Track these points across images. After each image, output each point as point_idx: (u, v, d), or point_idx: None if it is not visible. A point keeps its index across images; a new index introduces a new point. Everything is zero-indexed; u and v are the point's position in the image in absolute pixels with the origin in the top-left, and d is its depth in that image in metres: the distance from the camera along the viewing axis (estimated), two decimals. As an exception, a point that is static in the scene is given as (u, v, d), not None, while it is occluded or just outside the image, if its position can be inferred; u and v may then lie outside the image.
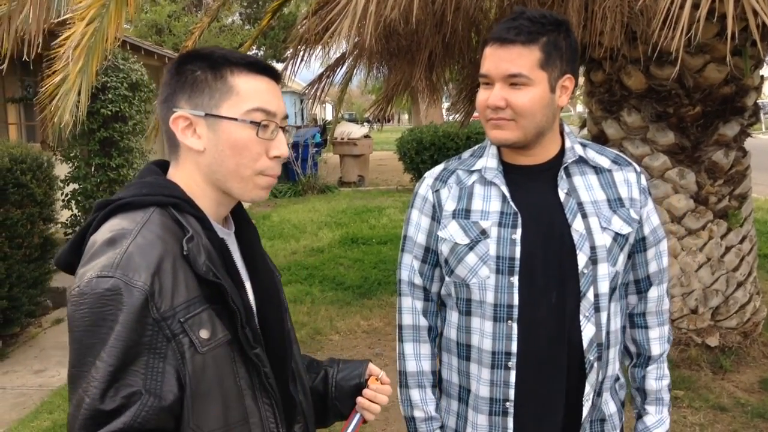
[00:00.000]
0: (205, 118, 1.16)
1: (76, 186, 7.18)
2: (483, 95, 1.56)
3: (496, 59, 1.51)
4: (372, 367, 1.49)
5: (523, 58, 1.49)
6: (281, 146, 1.21)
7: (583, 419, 1.61)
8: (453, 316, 1.68)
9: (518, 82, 1.49)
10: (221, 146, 1.17)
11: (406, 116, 46.69)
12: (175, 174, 1.21)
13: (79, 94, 3.82)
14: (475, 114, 6.83)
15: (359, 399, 1.45)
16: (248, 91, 1.17)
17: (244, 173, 1.18)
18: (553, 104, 1.55)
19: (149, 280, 1.04)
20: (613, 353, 1.65)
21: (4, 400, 4.40)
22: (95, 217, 1.14)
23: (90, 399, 1.00)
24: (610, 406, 1.68)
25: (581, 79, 4.98)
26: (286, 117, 1.24)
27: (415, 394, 1.72)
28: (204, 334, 1.09)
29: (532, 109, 1.51)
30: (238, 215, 1.32)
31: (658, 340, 1.73)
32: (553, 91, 1.53)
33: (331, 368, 1.48)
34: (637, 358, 1.76)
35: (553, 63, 1.51)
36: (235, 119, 1.16)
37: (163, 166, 1.26)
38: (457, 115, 6.52)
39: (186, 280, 1.09)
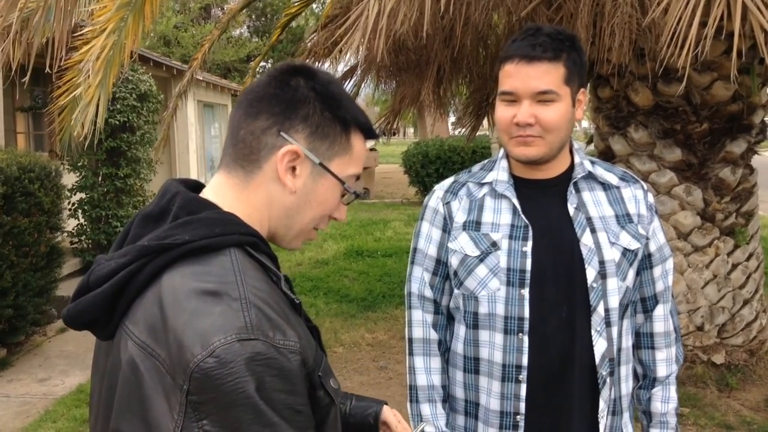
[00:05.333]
0: (316, 165, 1.04)
1: (83, 195, 7.21)
2: (507, 112, 1.54)
3: (523, 76, 1.50)
4: (387, 413, 1.40)
5: (550, 75, 1.49)
6: (344, 211, 1.13)
7: None
8: (461, 330, 1.67)
9: (547, 99, 1.50)
10: (311, 197, 1.05)
11: (411, 130, 46.75)
12: (238, 198, 1.03)
13: (97, 107, 3.84)
14: (481, 130, 6.86)
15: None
16: (359, 155, 1.09)
17: (308, 226, 1.09)
18: (573, 118, 1.56)
19: (295, 337, 0.90)
20: (626, 371, 1.64)
21: (8, 409, 4.40)
22: (143, 263, 0.93)
23: None
24: (629, 429, 1.68)
25: (588, 95, 4.99)
26: None
27: (425, 408, 1.70)
28: (333, 383, 0.99)
29: (559, 125, 1.52)
30: None
31: (664, 361, 1.71)
32: (573, 105, 1.55)
33: (343, 405, 1.38)
34: (643, 379, 1.74)
35: (574, 78, 1.53)
36: (343, 182, 1.07)
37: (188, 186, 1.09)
38: (464, 130, 6.54)
39: (302, 328, 0.97)
